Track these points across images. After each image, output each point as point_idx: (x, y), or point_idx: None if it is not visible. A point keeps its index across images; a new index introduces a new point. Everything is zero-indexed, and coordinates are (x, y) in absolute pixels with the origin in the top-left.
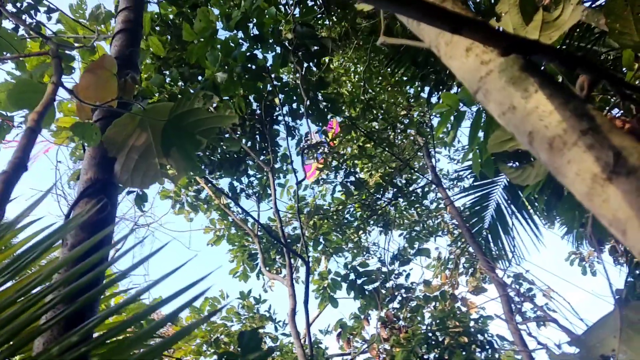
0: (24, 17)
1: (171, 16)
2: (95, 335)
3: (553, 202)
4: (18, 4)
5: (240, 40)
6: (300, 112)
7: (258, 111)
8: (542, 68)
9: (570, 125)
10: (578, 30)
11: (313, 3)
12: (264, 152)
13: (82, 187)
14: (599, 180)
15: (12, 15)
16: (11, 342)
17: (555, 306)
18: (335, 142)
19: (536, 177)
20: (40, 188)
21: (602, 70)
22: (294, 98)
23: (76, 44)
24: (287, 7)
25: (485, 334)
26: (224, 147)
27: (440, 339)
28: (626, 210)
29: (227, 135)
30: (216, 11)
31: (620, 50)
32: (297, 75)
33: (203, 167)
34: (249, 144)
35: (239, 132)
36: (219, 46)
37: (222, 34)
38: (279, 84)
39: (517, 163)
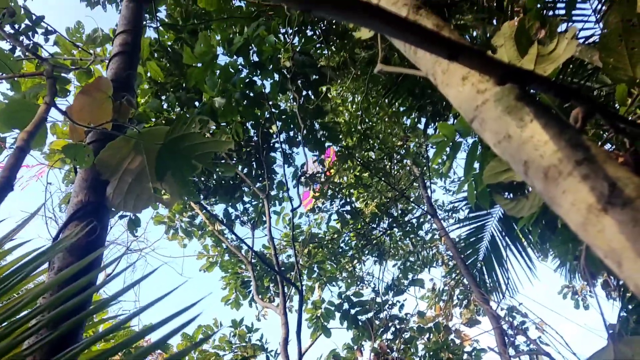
0: (21, 38)
1: (169, 42)
2: None
3: (547, 235)
4: (16, 26)
5: (240, 67)
6: (298, 139)
7: (255, 138)
8: (537, 99)
9: (565, 155)
10: (571, 66)
11: (312, 33)
12: (260, 179)
13: (72, 209)
14: (594, 210)
15: (9, 36)
16: None
17: (549, 339)
18: (332, 171)
19: (530, 209)
20: (31, 211)
21: (596, 103)
22: (292, 126)
23: (72, 67)
24: (286, 35)
25: None
26: (219, 173)
27: None
28: (622, 241)
29: (222, 161)
30: (217, 37)
31: (613, 87)
32: (295, 103)
33: (198, 192)
34: (245, 170)
35: (235, 159)
36: (218, 71)
37: (222, 60)
38: (277, 111)
39: (512, 194)
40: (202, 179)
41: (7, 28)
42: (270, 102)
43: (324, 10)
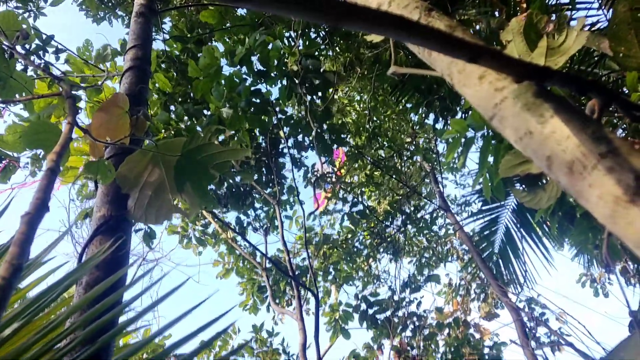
0: (32, 58)
1: (176, 52)
2: None
3: (565, 225)
4: (27, 46)
5: (245, 75)
6: (306, 144)
7: (263, 144)
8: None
9: (588, 148)
10: (578, 54)
11: (316, 35)
12: (270, 184)
13: (96, 224)
14: (621, 202)
15: (23, 56)
16: None
17: (570, 330)
18: (342, 171)
19: (548, 201)
20: (48, 226)
21: (613, 93)
22: (299, 130)
23: (83, 84)
24: (290, 40)
25: None
26: (237, 180)
27: None
28: None
29: (233, 170)
30: (221, 47)
31: (621, 73)
32: (302, 107)
33: (218, 201)
34: (255, 177)
35: (245, 166)
36: (223, 82)
37: (227, 69)
38: (284, 116)
39: (528, 187)
40: (213, 187)
41: (19, 48)
42: (277, 109)
43: (354, 25)
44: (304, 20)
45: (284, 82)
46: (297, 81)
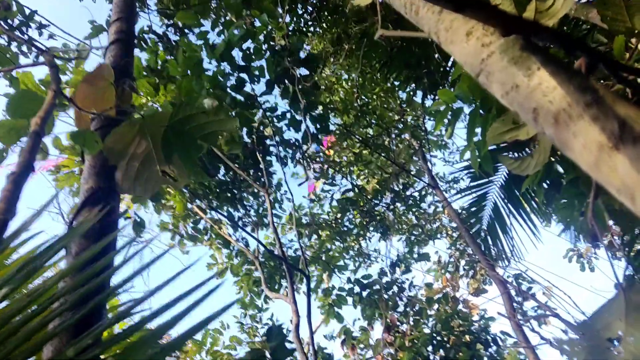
0: (15, 33)
1: (157, 60)
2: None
3: (552, 194)
4: (9, 21)
5: (226, 73)
6: (292, 141)
7: (249, 144)
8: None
9: (574, 99)
10: (566, 25)
11: (303, 11)
12: (259, 179)
13: (84, 196)
14: (605, 149)
15: (4, 29)
16: (20, 350)
17: (558, 303)
18: (331, 151)
19: (535, 167)
20: (36, 207)
21: (599, 53)
22: (286, 124)
23: (70, 55)
24: (279, 15)
25: (489, 333)
26: (226, 152)
27: (445, 339)
28: (634, 176)
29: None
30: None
31: (610, 45)
32: (289, 91)
33: (198, 199)
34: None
35: (234, 162)
36: (205, 81)
37: (209, 67)
38: (269, 113)
39: (516, 154)
40: (204, 183)
41: (1, 23)
42: (263, 103)
43: None
44: None
45: (271, 56)
46: (283, 54)
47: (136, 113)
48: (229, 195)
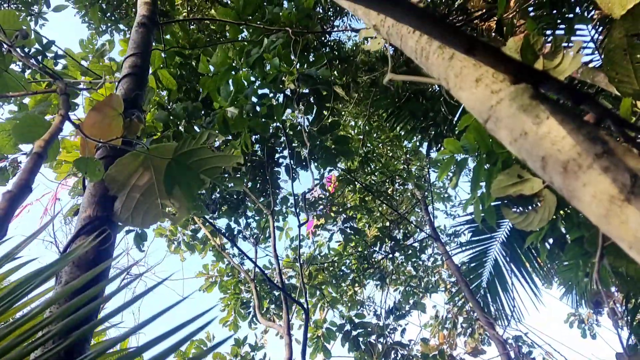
0: (31, 61)
1: (176, 62)
2: None
3: (555, 252)
4: (26, 49)
5: (253, 79)
6: (304, 158)
7: (259, 152)
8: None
9: (584, 148)
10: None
11: (315, 58)
12: (264, 194)
13: (81, 224)
14: (616, 201)
15: (19, 55)
16: None
17: None
18: (335, 194)
19: (540, 223)
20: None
21: (607, 108)
22: (298, 141)
23: (82, 86)
24: (290, 59)
25: None
26: (227, 187)
27: None
28: None
29: (226, 175)
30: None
31: (615, 108)
32: (303, 120)
33: (206, 207)
34: (249, 185)
35: (239, 173)
36: (231, 82)
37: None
38: (281, 126)
39: (520, 209)
40: (205, 193)
41: (18, 50)
42: (276, 119)
43: None
44: None
45: (280, 99)
46: (293, 97)
47: (142, 144)
48: (231, 205)
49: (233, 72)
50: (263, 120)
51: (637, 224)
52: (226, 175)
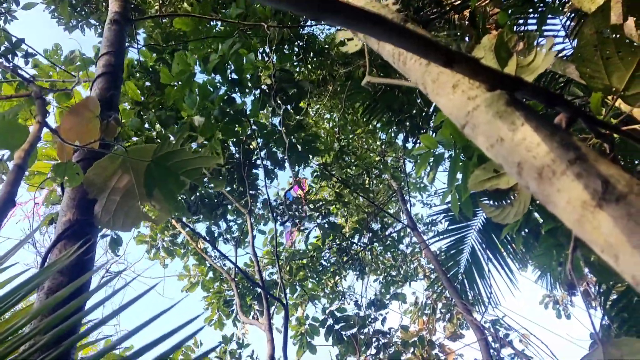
0: (0, 60)
1: (150, 63)
2: None
3: (530, 243)
4: None
5: (218, 84)
6: (280, 157)
7: (236, 155)
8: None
9: (558, 155)
10: (544, 78)
11: (290, 51)
12: (243, 196)
13: (61, 228)
14: (589, 207)
15: None
16: None
17: (534, 351)
18: (309, 196)
19: (515, 216)
20: (9, 235)
21: (579, 109)
22: (272, 140)
23: (54, 89)
24: (264, 54)
25: None
26: (208, 188)
27: None
28: (618, 235)
29: (206, 178)
30: (194, 56)
31: (586, 99)
32: (276, 119)
33: (188, 209)
34: (228, 188)
35: (219, 176)
36: (197, 90)
37: (200, 77)
38: (256, 128)
39: (496, 202)
40: (185, 196)
41: None
42: (252, 120)
43: (335, 18)
44: (287, 9)
45: (257, 94)
46: (270, 93)
47: (120, 146)
48: (209, 211)
49: (195, 79)
50: (233, 125)
51: (608, 229)
52: (205, 179)
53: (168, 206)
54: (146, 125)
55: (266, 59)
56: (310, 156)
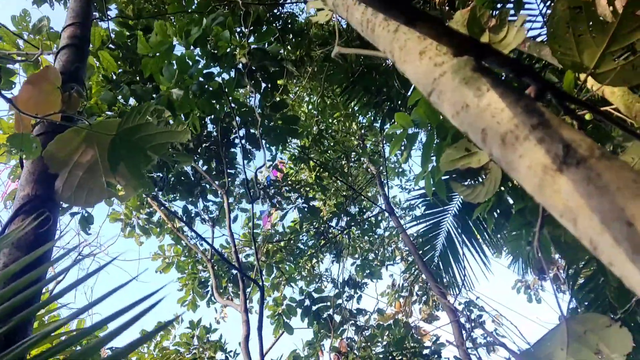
0: None
1: (123, 37)
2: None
3: (502, 223)
4: None
5: (197, 58)
6: (257, 137)
7: (214, 133)
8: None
9: (521, 120)
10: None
11: (268, 30)
12: (221, 175)
13: (19, 203)
14: (549, 171)
15: None
16: None
17: (505, 332)
18: (290, 177)
19: (486, 195)
20: None
21: (547, 82)
22: (250, 120)
23: (19, 58)
24: (241, 34)
25: (441, 357)
26: (176, 165)
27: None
28: (577, 199)
29: (173, 154)
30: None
31: (560, 83)
32: (252, 98)
33: (154, 185)
34: (205, 168)
35: (196, 155)
36: (174, 62)
37: (178, 50)
38: (236, 106)
39: (468, 181)
40: (161, 174)
41: None
42: (230, 97)
43: None
44: None
45: (232, 74)
46: (244, 72)
47: (84, 120)
48: (186, 190)
49: (174, 52)
50: (212, 100)
51: (568, 193)
52: (174, 154)
53: (134, 182)
54: (120, 98)
55: (243, 39)
56: (289, 138)
